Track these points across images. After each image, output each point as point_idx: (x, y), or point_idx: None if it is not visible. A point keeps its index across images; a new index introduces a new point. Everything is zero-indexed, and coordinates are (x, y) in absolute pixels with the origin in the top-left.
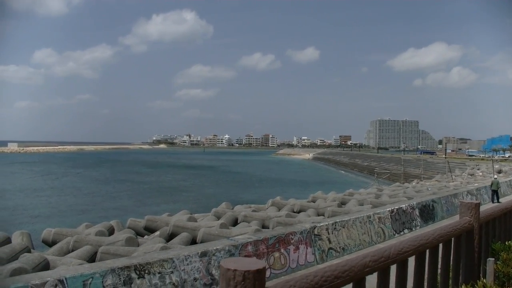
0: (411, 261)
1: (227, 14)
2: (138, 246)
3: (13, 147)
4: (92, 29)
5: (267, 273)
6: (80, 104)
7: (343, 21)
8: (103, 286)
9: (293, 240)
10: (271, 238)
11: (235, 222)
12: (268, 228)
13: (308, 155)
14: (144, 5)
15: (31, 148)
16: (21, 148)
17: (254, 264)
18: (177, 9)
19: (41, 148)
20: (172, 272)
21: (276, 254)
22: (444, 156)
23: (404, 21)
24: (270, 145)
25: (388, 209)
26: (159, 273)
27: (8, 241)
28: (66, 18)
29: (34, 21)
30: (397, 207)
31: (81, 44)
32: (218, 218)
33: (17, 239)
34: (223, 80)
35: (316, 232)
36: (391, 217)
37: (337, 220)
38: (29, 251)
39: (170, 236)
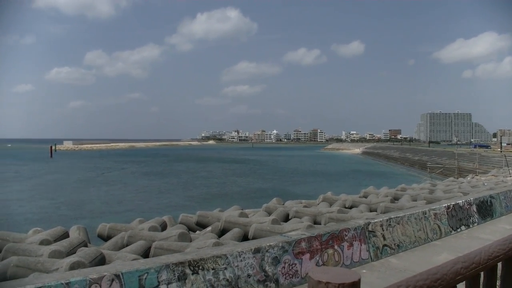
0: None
1: (271, 11)
2: (191, 241)
3: (68, 145)
4: (139, 30)
5: None
6: (130, 103)
7: (388, 14)
8: (158, 282)
9: (347, 237)
10: (325, 235)
11: (286, 218)
12: (320, 224)
13: (357, 149)
14: (189, 4)
15: (85, 145)
16: (76, 146)
17: (347, 275)
18: (221, 7)
19: (94, 146)
20: (225, 268)
21: (330, 251)
22: (499, 149)
23: (451, 12)
24: (319, 140)
25: (444, 205)
26: (213, 269)
27: (66, 235)
28: (114, 20)
29: (85, 25)
30: (453, 203)
31: (130, 44)
32: (269, 213)
33: (74, 233)
34: (269, 76)
35: (370, 229)
36: (447, 214)
37: (392, 216)
38: (85, 245)
39: (222, 232)
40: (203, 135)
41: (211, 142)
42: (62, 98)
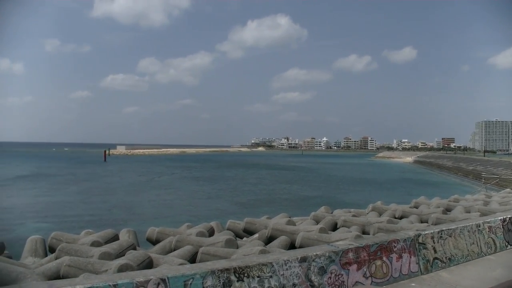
0: None
1: (321, 17)
2: (237, 248)
3: (121, 150)
4: (191, 38)
5: (368, 282)
6: (182, 109)
7: (441, 19)
8: (203, 287)
9: (396, 248)
10: (373, 245)
11: (334, 227)
12: (369, 234)
13: (409, 158)
14: (239, 12)
15: (137, 150)
16: (128, 151)
17: None
18: (271, 14)
19: (146, 151)
20: (271, 277)
21: (378, 262)
22: None
23: (506, 15)
24: (369, 148)
25: (499, 218)
26: (258, 277)
27: (116, 237)
28: (167, 29)
29: (139, 33)
30: (509, 216)
31: (181, 52)
32: (317, 222)
33: (124, 236)
34: (320, 83)
35: (420, 241)
36: (503, 227)
37: (443, 228)
38: (134, 248)
39: (269, 239)
40: (253, 141)
41: (260, 148)
42: (117, 104)
